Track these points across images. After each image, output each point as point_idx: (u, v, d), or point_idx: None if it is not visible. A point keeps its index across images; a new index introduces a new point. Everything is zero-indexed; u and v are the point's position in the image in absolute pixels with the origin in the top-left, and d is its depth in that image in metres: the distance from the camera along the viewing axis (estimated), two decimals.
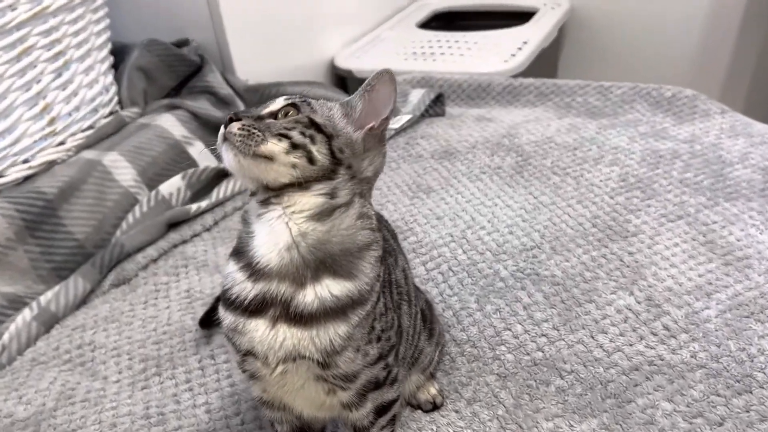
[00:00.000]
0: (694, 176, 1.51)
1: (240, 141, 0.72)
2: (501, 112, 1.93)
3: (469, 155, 1.72)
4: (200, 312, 1.31)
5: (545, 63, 2.60)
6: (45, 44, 1.59)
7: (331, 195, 0.76)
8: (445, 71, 2.24)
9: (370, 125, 0.80)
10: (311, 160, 0.75)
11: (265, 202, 0.76)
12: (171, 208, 1.64)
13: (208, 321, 1.24)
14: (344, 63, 2.45)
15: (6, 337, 1.30)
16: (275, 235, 0.75)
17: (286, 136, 0.74)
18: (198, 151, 1.82)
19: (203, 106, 1.92)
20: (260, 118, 0.76)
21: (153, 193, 1.64)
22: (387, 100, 0.81)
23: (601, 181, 1.54)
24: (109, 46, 1.87)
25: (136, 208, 1.61)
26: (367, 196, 0.82)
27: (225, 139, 0.73)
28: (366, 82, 0.80)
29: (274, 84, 2.01)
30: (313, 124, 0.76)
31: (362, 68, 2.41)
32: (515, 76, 2.22)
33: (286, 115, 0.77)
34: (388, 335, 0.85)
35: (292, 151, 0.74)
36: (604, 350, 1.10)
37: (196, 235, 1.59)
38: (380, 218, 0.89)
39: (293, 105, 0.78)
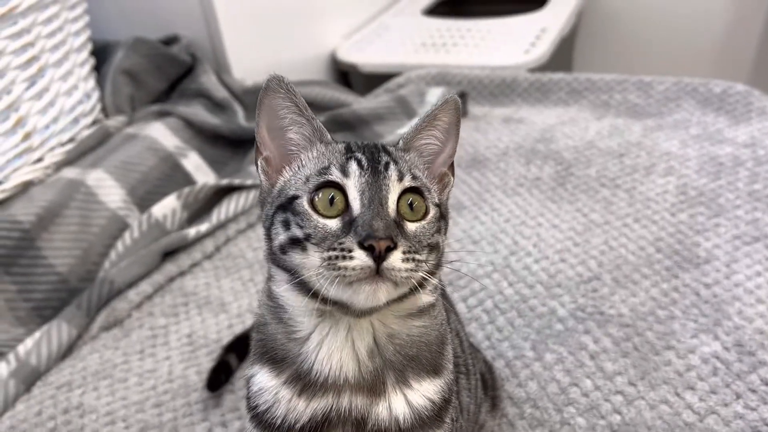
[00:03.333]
0: (764, 188, 1.32)
1: (406, 276, 0.52)
2: (530, 111, 1.73)
3: (501, 164, 1.53)
4: (205, 363, 1.13)
5: (560, 53, 2.40)
6: (15, 49, 1.37)
7: (436, 288, 0.60)
8: (462, 64, 2.04)
9: (441, 173, 0.63)
10: (438, 255, 0.59)
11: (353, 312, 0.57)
12: (166, 233, 1.43)
13: (217, 381, 1.05)
14: (347, 56, 2.24)
15: None
16: (353, 340, 0.58)
17: (430, 244, 0.57)
18: (193, 164, 1.62)
19: (197, 111, 1.71)
20: (398, 225, 0.55)
21: (145, 216, 1.43)
22: (452, 135, 0.64)
23: (657, 194, 1.35)
24: (90, 46, 1.66)
25: (126, 235, 1.41)
26: None
27: (376, 273, 0.51)
28: (428, 112, 0.62)
29: None
30: (441, 214, 0.60)
31: (368, 62, 2.20)
32: (537, 69, 2.03)
33: (409, 205, 0.57)
34: (460, 424, 0.70)
35: (429, 256, 0.57)
36: (694, 412, 0.92)
37: (195, 265, 1.39)
38: None
39: (417, 192, 0.58)
